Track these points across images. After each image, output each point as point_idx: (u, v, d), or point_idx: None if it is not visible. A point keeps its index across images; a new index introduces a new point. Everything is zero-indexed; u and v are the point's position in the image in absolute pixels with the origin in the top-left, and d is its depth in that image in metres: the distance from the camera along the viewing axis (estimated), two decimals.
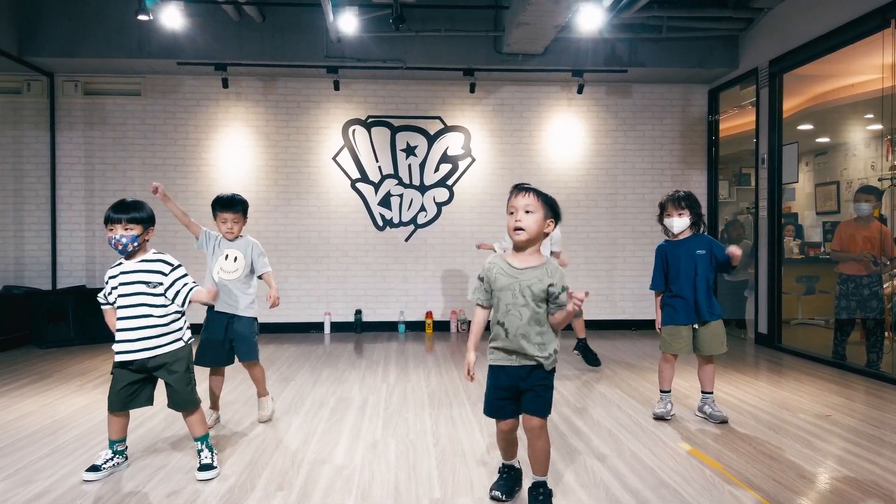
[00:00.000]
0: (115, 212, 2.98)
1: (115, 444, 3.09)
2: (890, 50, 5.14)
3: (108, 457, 3.06)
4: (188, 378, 3.08)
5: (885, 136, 6.94)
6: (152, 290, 2.98)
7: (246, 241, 3.87)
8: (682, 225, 3.91)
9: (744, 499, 2.78)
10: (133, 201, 3.05)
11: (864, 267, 5.60)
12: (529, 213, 2.59)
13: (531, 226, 2.58)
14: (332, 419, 4.02)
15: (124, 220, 2.96)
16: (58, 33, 6.75)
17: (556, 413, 4.01)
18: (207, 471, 3.01)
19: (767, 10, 6.62)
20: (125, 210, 2.98)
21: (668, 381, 4.04)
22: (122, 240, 2.96)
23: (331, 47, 6.97)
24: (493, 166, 7.79)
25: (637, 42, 7.17)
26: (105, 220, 3.01)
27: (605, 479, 3.00)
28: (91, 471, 2.99)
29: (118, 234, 2.96)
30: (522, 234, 2.59)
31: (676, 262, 3.92)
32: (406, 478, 3.03)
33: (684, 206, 3.89)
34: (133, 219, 2.98)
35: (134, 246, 2.99)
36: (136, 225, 2.98)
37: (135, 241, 2.98)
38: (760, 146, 6.86)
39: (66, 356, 6.13)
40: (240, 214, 3.81)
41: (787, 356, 6.22)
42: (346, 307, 7.68)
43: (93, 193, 7.47)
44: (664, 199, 4.00)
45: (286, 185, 7.58)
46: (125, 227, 2.96)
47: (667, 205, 3.96)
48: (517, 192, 2.65)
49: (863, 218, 5.64)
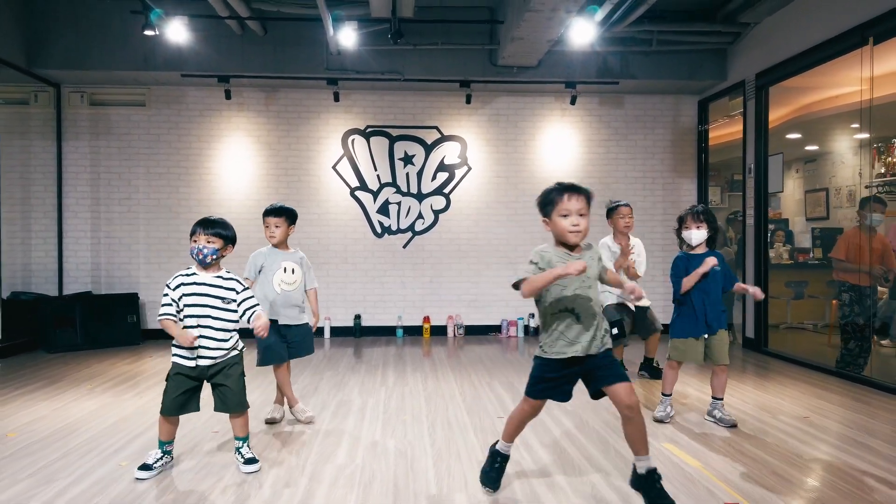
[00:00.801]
0: (202, 225, 3.24)
1: (164, 445, 3.29)
2: (868, 65, 5.35)
3: (158, 456, 3.26)
4: (243, 382, 3.31)
5: (868, 146, 7.17)
6: (226, 305, 3.22)
7: (298, 254, 4.20)
8: (700, 237, 4.08)
9: (719, 493, 2.98)
10: (220, 218, 3.32)
11: (873, 279, 5.52)
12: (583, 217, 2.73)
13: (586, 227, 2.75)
14: (333, 421, 4.21)
15: (209, 233, 3.21)
16: (65, 46, 6.94)
17: (547, 415, 4.20)
18: (252, 464, 3.25)
19: (754, 25, 6.85)
20: (211, 225, 3.24)
21: (670, 386, 4.22)
22: (204, 250, 3.20)
23: (331, 60, 7.17)
24: (488, 175, 7.99)
25: (628, 55, 7.38)
26: (191, 231, 3.25)
27: (591, 479, 3.20)
28: (143, 469, 3.19)
29: (201, 245, 3.20)
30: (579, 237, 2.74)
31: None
32: (404, 476, 3.22)
33: (703, 219, 4.06)
34: (217, 234, 3.24)
35: (213, 258, 3.23)
36: (218, 239, 3.23)
37: (214, 254, 3.23)
38: (747, 156, 7.08)
39: (74, 360, 6.31)
40: (283, 219, 4.13)
41: (774, 360, 6.43)
42: (346, 312, 7.87)
43: (98, 202, 7.66)
44: (684, 212, 4.17)
45: (287, 193, 7.78)
46: (208, 240, 3.21)
47: (686, 218, 4.13)
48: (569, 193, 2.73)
49: (868, 227, 5.58)
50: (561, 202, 2.71)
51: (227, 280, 3.29)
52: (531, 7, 5.52)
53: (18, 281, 7.46)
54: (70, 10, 6.94)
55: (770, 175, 6.80)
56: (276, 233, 4.10)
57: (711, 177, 8.71)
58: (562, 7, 5.57)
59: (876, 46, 5.26)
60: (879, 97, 5.47)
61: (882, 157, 7.35)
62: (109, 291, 7.58)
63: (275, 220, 4.11)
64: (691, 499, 2.93)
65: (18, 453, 3.57)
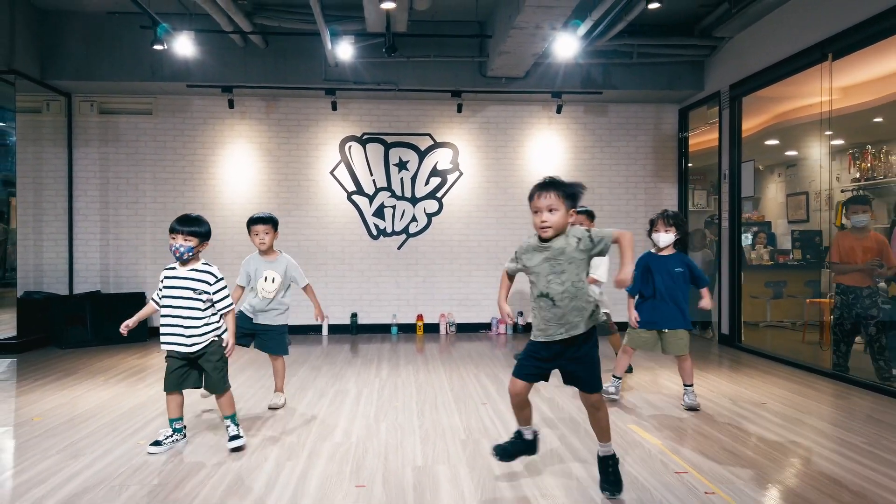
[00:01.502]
0: (179, 223, 3.56)
1: (174, 423, 3.67)
2: (828, 78, 5.75)
3: (169, 434, 3.65)
4: (221, 367, 3.66)
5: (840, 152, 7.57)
6: (197, 296, 3.56)
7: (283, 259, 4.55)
8: (667, 240, 4.48)
9: (671, 465, 3.37)
10: (196, 216, 3.63)
11: (868, 276, 5.50)
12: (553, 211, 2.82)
13: (557, 221, 2.83)
14: (331, 407, 4.59)
15: (185, 231, 3.54)
16: (77, 59, 7.33)
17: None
18: (236, 440, 3.62)
19: (728, 40, 7.26)
20: (188, 223, 3.56)
21: (621, 370, 4.64)
22: (180, 248, 3.53)
23: (329, 71, 7.57)
24: (479, 179, 8.39)
25: (610, 66, 7.79)
26: (170, 229, 3.58)
27: (558, 450, 3.58)
28: (154, 445, 3.58)
29: (178, 243, 3.53)
30: (549, 231, 2.84)
31: (656, 274, 4.48)
32: (394, 451, 3.61)
33: (672, 223, 4.46)
34: (192, 232, 3.56)
35: (189, 255, 3.57)
36: (193, 237, 3.56)
37: (190, 252, 3.57)
38: (723, 162, 7.48)
39: (86, 356, 6.69)
40: (270, 226, 4.46)
41: (746, 355, 6.82)
42: (343, 311, 8.25)
43: (107, 205, 8.04)
44: (655, 216, 4.56)
45: (287, 197, 8.16)
46: (185, 238, 3.54)
47: (657, 221, 4.52)
48: (538, 192, 2.86)
49: (858, 229, 5.60)
50: (532, 201, 2.89)
51: (201, 273, 3.60)
52: (516, 24, 5.92)
53: (31, 281, 7.83)
54: (82, 25, 7.33)
55: (743, 180, 7.20)
56: (265, 240, 4.42)
57: (697, 181, 9.10)
58: (545, 24, 5.97)
59: (835, 62, 5.66)
60: (838, 108, 5.87)
61: (857, 163, 7.76)
62: (117, 291, 7.96)
63: (263, 228, 4.41)
64: (647, 470, 3.31)
65: (45, 434, 3.95)
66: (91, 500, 2.93)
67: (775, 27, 6.45)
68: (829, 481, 3.18)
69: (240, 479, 3.18)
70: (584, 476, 3.23)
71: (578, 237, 2.86)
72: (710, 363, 6.36)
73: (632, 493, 3.00)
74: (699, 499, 2.94)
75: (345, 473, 3.27)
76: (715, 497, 2.96)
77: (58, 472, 3.27)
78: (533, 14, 5.67)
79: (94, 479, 3.19)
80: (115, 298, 7.70)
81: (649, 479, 3.19)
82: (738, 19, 6.76)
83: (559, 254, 2.86)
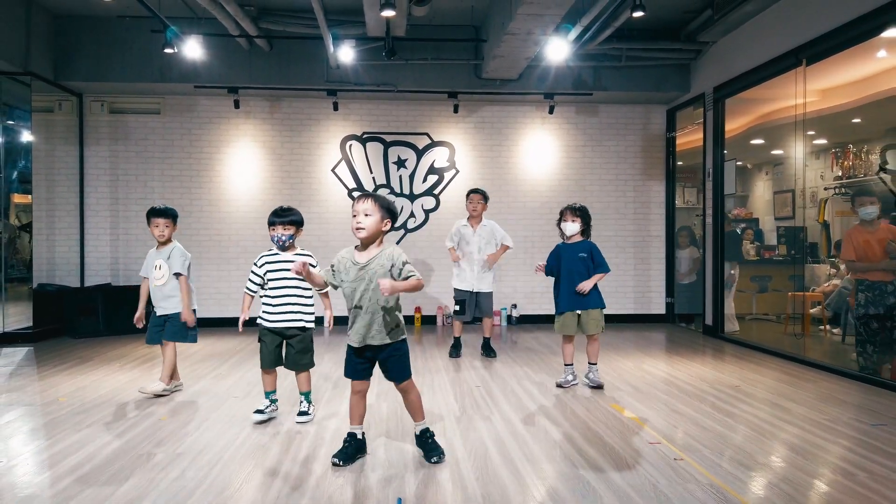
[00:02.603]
0: (277, 216, 3.94)
1: (270, 395, 4.06)
2: (802, 82, 6.10)
3: (268, 404, 4.06)
4: (309, 346, 4.07)
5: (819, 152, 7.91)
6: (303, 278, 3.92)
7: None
8: (573, 229, 4.89)
9: (645, 437, 3.72)
10: (289, 207, 4.01)
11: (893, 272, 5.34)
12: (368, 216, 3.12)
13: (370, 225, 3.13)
14: (335, 389, 4.94)
15: (284, 222, 3.92)
16: (89, 61, 7.65)
17: (522, 389, 4.94)
18: (305, 416, 4.02)
19: (712, 44, 7.60)
20: (285, 214, 3.95)
21: (569, 357, 5.04)
22: (283, 237, 3.93)
23: (330, 73, 7.90)
24: (475, 177, 8.73)
25: (600, 69, 8.13)
26: (269, 223, 3.95)
27: (544, 424, 3.94)
28: (257, 413, 3.99)
29: (279, 233, 3.92)
30: (363, 233, 3.12)
31: (565, 261, 4.91)
32: (395, 426, 3.95)
33: (578, 214, 4.88)
34: (291, 221, 3.96)
35: (291, 243, 3.97)
36: (291, 226, 3.96)
37: (291, 239, 3.96)
38: (707, 161, 7.83)
39: (99, 345, 7.01)
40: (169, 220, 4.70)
41: (728, 344, 7.18)
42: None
43: (117, 201, 8.36)
44: (563, 207, 4.99)
45: (290, 194, 8.49)
46: (284, 228, 3.93)
47: (565, 212, 4.95)
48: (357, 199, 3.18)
49: (867, 222, 5.57)
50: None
51: (304, 257, 3.99)
52: (509, 31, 6.25)
53: (44, 274, 8.15)
54: (94, 28, 7.65)
55: (725, 178, 7.55)
56: (164, 232, 4.63)
57: (687, 178, 9.44)
58: (536, 30, 6.31)
59: (809, 67, 6.01)
60: (814, 110, 6.23)
61: (839, 161, 8.11)
62: (127, 283, 8.28)
63: (163, 221, 4.61)
64: (623, 441, 3.67)
65: (73, 411, 4.28)
66: (122, 465, 3.27)
67: (755, 33, 6.80)
68: (788, 449, 3.53)
69: (256, 448, 3.53)
70: (561, 440, 3.58)
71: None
72: (693, 351, 6.72)
73: (609, 461, 3.35)
74: (669, 465, 3.28)
75: None
76: (683, 463, 3.31)
77: (89, 443, 3.61)
78: (524, 21, 6.00)
79: (122, 448, 3.53)
80: (126, 290, 8.01)
81: (626, 448, 3.54)
82: (721, 25, 7.10)
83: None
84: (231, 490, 2.95)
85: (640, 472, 3.17)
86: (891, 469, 3.22)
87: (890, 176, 7.22)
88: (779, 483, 3.04)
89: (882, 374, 5.23)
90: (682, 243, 8.90)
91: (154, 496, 2.87)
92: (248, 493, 2.91)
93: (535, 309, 8.67)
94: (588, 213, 4.96)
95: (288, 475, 3.14)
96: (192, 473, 3.15)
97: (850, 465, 3.27)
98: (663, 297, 8.97)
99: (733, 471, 3.20)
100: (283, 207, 3.99)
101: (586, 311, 4.91)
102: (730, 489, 2.96)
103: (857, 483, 3.04)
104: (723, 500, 2.84)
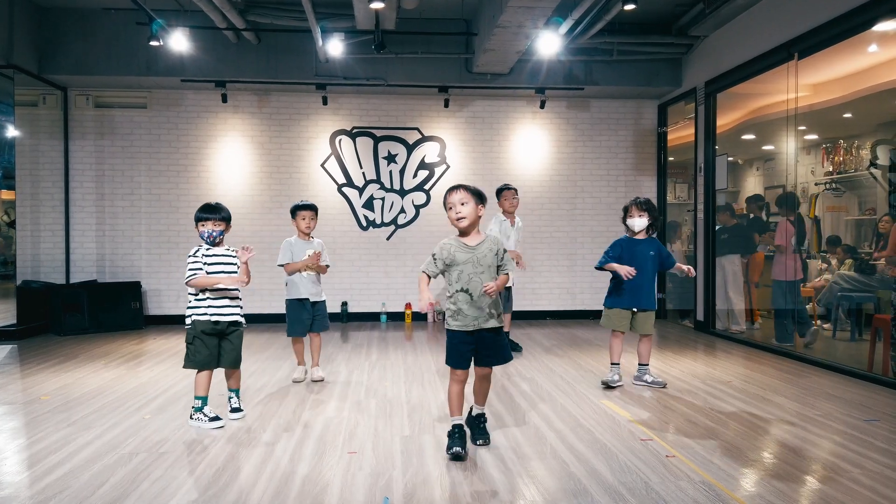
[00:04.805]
0: (209, 212, 3.90)
1: (205, 399, 3.95)
2: (794, 76, 6.07)
3: (210, 409, 3.93)
4: (240, 344, 4.01)
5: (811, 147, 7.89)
6: (236, 270, 3.93)
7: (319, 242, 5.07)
8: (641, 224, 4.78)
9: (638, 434, 3.68)
10: (217, 204, 3.97)
11: None
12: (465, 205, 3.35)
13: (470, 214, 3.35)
14: (323, 387, 4.87)
15: (216, 218, 3.89)
16: (74, 54, 7.53)
17: (505, 378, 4.89)
18: (238, 412, 3.96)
19: (703, 38, 7.57)
20: (216, 211, 3.92)
21: (617, 355, 4.87)
22: (214, 232, 3.89)
23: (319, 67, 7.81)
24: (465, 172, 8.66)
25: (592, 63, 8.08)
26: (197, 218, 3.90)
27: (535, 423, 3.89)
28: (215, 420, 3.86)
29: (210, 229, 3.88)
30: (464, 222, 3.34)
31: (631, 257, 4.74)
32: (384, 424, 3.89)
33: (644, 209, 4.76)
34: (222, 218, 3.94)
35: (221, 239, 3.93)
36: (222, 222, 3.94)
37: (221, 235, 3.94)
38: (698, 156, 7.80)
39: (84, 342, 6.91)
40: (314, 213, 5.07)
41: (720, 340, 7.16)
42: (333, 299, 8.50)
43: (103, 197, 8.24)
44: (629, 203, 4.86)
45: (279, 189, 8.40)
46: (215, 224, 3.89)
47: (630, 208, 4.83)
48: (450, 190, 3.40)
49: None
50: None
51: (232, 250, 4.00)
52: (499, 24, 6.18)
53: (28, 270, 8.02)
54: (79, 21, 7.52)
55: (717, 173, 7.52)
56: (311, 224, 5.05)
57: (679, 174, 9.42)
58: (527, 24, 6.24)
59: (800, 61, 5.98)
60: (806, 105, 6.20)
61: (830, 157, 8.10)
62: (114, 280, 8.18)
63: (309, 213, 5.05)
64: (616, 438, 3.62)
65: (55, 410, 4.20)
66: (104, 465, 3.19)
67: (746, 27, 6.76)
68: (779, 445, 3.50)
69: (241, 447, 3.46)
70: (555, 439, 3.54)
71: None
72: (685, 346, 6.69)
73: (600, 458, 3.30)
74: (661, 462, 3.24)
75: (338, 442, 3.55)
76: (675, 460, 3.27)
77: (71, 442, 3.53)
78: (515, 14, 5.94)
79: (104, 447, 3.45)
80: (112, 287, 7.92)
81: (617, 444, 3.50)
82: (712, 19, 7.06)
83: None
84: (215, 489, 2.88)
85: (631, 470, 3.12)
86: (884, 465, 3.19)
87: (880, 171, 7.23)
88: (771, 480, 3.01)
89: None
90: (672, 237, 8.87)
91: (135, 497, 2.80)
92: (232, 491, 2.85)
93: (527, 305, 8.62)
94: (655, 207, 4.84)
95: (273, 473, 3.07)
96: (175, 473, 3.08)
97: (843, 462, 3.24)
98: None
99: (725, 468, 3.16)
100: (213, 204, 3.97)
101: (644, 312, 4.77)
102: (722, 486, 2.92)
103: (850, 480, 3.01)
104: (715, 497, 2.80)
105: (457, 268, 3.35)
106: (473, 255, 3.34)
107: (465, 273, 3.33)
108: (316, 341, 5.11)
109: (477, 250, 3.35)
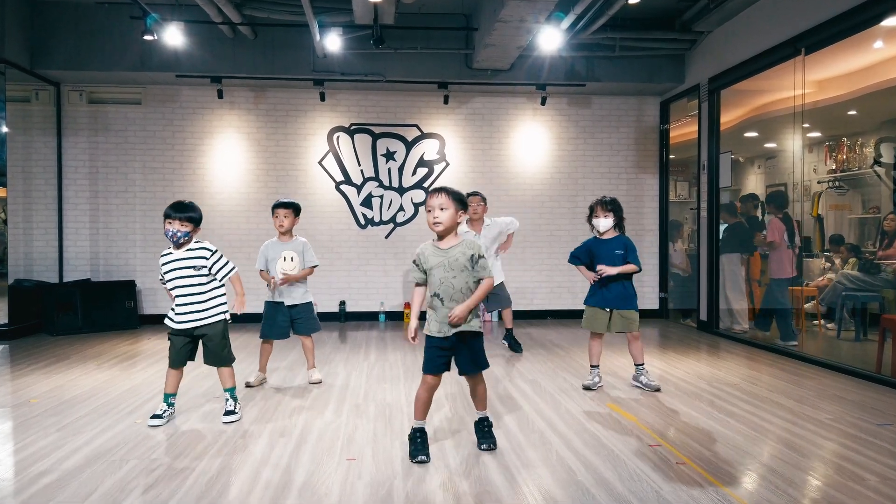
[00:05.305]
0: (175, 210, 3.73)
1: (169, 397, 3.88)
2: (801, 72, 5.96)
3: (165, 408, 3.86)
4: (225, 343, 3.89)
5: (815, 145, 7.78)
6: (198, 272, 3.75)
7: (298, 242, 4.90)
8: (607, 225, 4.66)
9: (645, 439, 3.57)
10: (189, 203, 3.81)
11: None
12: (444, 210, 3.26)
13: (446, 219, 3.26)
14: (321, 389, 4.75)
15: (182, 217, 3.72)
16: (67, 48, 7.39)
17: (503, 378, 4.77)
18: (231, 415, 3.82)
19: (707, 34, 7.45)
20: (183, 210, 3.74)
21: (596, 358, 4.77)
22: (178, 233, 3.73)
23: (317, 62, 7.68)
24: (465, 170, 8.54)
25: (593, 59, 7.97)
26: (165, 215, 3.75)
27: (539, 427, 3.77)
28: (154, 418, 3.80)
29: (175, 228, 3.71)
30: (440, 227, 3.27)
31: (599, 257, 4.65)
32: (383, 428, 3.78)
33: (610, 209, 4.64)
34: (189, 218, 3.76)
35: (186, 240, 3.76)
36: (189, 223, 3.76)
37: (186, 236, 3.76)
38: (702, 154, 7.69)
39: (77, 342, 6.78)
40: (290, 210, 4.86)
41: (723, 340, 7.06)
42: (331, 299, 8.39)
43: (96, 194, 8.11)
44: (593, 202, 4.73)
45: (276, 187, 8.27)
46: (181, 224, 3.72)
47: (595, 207, 4.70)
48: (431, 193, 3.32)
49: None
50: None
51: (195, 250, 3.82)
52: (500, 18, 6.06)
53: (21, 269, 7.89)
54: (72, 15, 7.38)
55: (721, 171, 7.41)
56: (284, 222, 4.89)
57: (679, 172, 9.30)
58: (529, 18, 6.12)
59: (807, 56, 5.87)
60: (812, 101, 6.09)
61: (833, 154, 8.00)
62: (108, 279, 8.05)
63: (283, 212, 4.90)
64: (623, 444, 3.51)
65: (44, 414, 4.07)
66: (93, 473, 3.07)
67: (751, 22, 6.65)
68: (791, 451, 3.39)
69: (235, 452, 3.34)
70: (560, 444, 3.42)
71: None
72: (689, 347, 6.59)
73: (609, 466, 3.19)
74: (672, 469, 3.13)
75: (336, 448, 3.43)
76: (685, 467, 3.16)
77: (59, 448, 3.41)
78: (516, 8, 5.82)
79: (94, 453, 3.33)
80: (105, 286, 7.79)
81: (625, 451, 3.39)
82: (717, 14, 6.95)
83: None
84: (208, 499, 2.76)
85: (641, 478, 3.01)
86: None
87: (884, 169, 7.13)
88: (787, 488, 2.90)
89: None
90: (673, 238, 8.78)
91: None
92: (230, 495, 2.73)
93: (527, 304, 8.50)
94: (620, 206, 4.71)
95: (269, 482, 2.95)
96: (167, 482, 2.96)
97: (858, 468, 3.14)
98: (657, 293, 8.84)
99: (738, 475, 3.05)
100: (184, 202, 3.81)
101: (619, 311, 4.64)
102: (737, 496, 2.81)
103: (867, 488, 2.90)
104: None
105: (431, 272, 3.29)
106: (445, 259, 3.26)
107: (437, 277, 3.27)
108: (306, 344, 4.94)
109: (448, 253, 3.28)
